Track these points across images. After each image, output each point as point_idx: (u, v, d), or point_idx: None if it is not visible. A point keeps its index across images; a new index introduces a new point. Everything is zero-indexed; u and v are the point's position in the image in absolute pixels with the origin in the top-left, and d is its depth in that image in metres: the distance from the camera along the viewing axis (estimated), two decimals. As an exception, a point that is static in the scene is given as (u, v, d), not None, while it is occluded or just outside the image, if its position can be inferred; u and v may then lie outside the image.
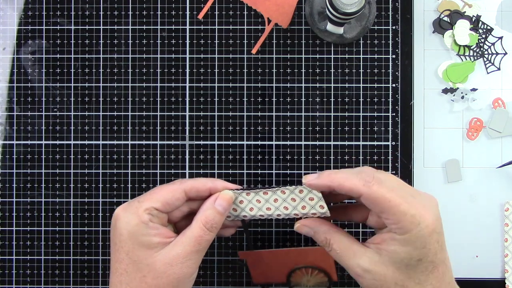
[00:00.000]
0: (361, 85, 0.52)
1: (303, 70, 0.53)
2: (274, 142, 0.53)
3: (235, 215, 0.44)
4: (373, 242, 0.40)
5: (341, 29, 0.51)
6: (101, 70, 0.53)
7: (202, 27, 0.53)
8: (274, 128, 0.53)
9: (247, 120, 0.53)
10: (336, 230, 0.41)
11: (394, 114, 0.53)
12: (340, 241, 0.40)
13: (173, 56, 0.53)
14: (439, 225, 0.39)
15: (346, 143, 0.52)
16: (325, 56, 0.53)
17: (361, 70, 0.52)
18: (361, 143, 0.52)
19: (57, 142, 0.53)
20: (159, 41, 0.53)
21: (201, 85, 0.53)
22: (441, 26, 0.53)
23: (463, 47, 0.53)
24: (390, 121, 0.53)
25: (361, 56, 0.52)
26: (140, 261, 0.40)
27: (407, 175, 0.52)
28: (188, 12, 0.53)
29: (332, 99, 0.53)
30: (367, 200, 0.38)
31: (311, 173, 0.49)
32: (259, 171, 0.53)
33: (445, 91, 0.53)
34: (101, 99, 0.53)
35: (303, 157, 0.53)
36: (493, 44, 0.53)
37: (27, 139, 0.53)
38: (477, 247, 0.53)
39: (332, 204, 0.46)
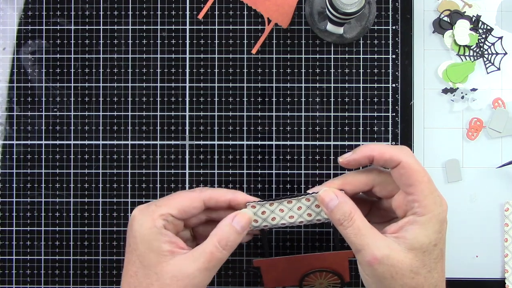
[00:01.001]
0: (361, 85, 0.52)
1: (303, 70, 0.53)
2: (274, 142, 0.53)
3: (255, 226, 0.43)
4: (389, 232, 0.39)
5: (341, 29, 0.51)
6: (101, 70, 0.53)
7: (202, 27, 0.53)
8: (274, 128, 0.53)
9: (247, 120, 0.53)
10: (359, 209, 0.40)
11: (394, 114, 0.53)
12: (363, 220, 0.39)
13: (173, 56, 0.53)
14: (446, 217, 0.40)
15: (346, 143, 0.52)
16: (325, 56, 0.53)
17: (361, 70, 0.52)
18: (361, 143, 0.52)
19: (57, 142, 0.53)
20: (159, 41, 0.53)
21: (201, 85, 0.53)
22: (441, 26, 0.53)
23: (463, 47, 0.53)
24: (390, 121, 0.53)
25: (361, 56, 0.52)
26: (149, 267, 0.39)
27: (407, 175, 0.52)
28: (188, 12, 0.53)
29: (332, 99, 0.53)
30: (403, 169, 0.39)
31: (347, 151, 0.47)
32: (259, 171, 0.53)
33: (445, 91, 0.53)
34: (101, 99, 0.53)
35: (303, 157, 0.53)
36: (493, 44, 0.53)
37: (27, 139, 0.53)
38: (477, 247, 0.53)
39: None
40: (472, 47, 0.53)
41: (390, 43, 0.53)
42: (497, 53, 0.53)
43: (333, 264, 0.45)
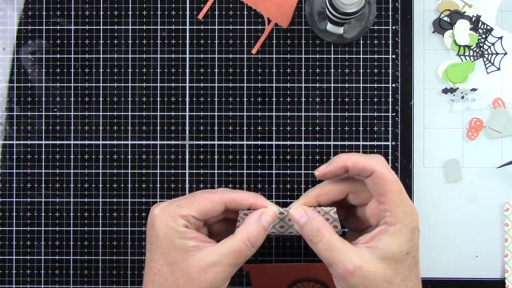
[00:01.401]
0: (361, 85, 0.52)
1: (303, 70, 0.53)
2: (274, 142, 0.53)
3: (281, 231, 0.44)
4: (361, 242, 0.40)
5: (341, 29, 0.51)
6: (101, 70, 0.53)
7: (202, 27, 0.53)
8: (274, 128, 0.53)
9: (247, 120, 0.53)
10: (329, 225, 0.41)
11: (394, 114, 0.53)
12: (332, 234, 0.40)
13: (173, 56, 0.53)
14: (418, 225, 0.41)
15: (346, 143, 0.52)
16: (325, 56, 0.53)
17: (361, 70, 0.52)
18: (361, 143, 0.52)
19: (57, 142, 0.53)
20: (159, 41, 0.53)
21: (201, 85, 0.53)
22: (441, 26, 0.53)
23: (463, 47, 0.53)
24: (390, 121, 0.53)
25: (361, 56, 0.52)
26: (174, 263, 0.39)
27: (407, 175, 0.52)
28: (188, 12, 0.53)
29: (332, 99, 0.53)
30: (376, 179, 0.40)
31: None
32: (259, 171, 0.53)
33: (445, 91, 0.53)
34: (101, 99, 0.53)
35: (303, 157, 0.53)
36: (493, 44, 0.53)
37: (27, 139, 0.53)
38: (477, 247, 0.53)
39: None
40: (472, 47, 0.53)
41: (390, 43, 0.53)
42: (497, 53, 0.53)
43: (321, 275, 0.45)
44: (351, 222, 0.45)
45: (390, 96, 0.53)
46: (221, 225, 0.44)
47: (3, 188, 0.53)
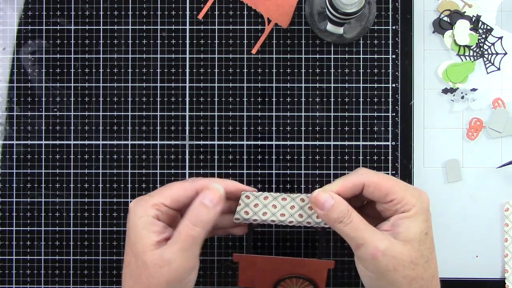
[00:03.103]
0: (361, 85, 0.52)
1: (303, 70, 0.53)
2: (274, 142, 0.53)
3: (245, 218, 0.43)
4: (383, 229, 0.41)
5: (341, 29, 0.51)
6: (101, 70, 0.53)
7: (202, 27, 0.53)
8: (274, 128, 0.53)
9: (247, 120, 0.53)
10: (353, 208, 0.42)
11: (394, 114, 0.53)
12: (360, 217, 0.41)
13: (173, 56, 0.53)
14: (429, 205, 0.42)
15: (346, 143, 0.52)
16: (325, 56, 0.53)
17: (361, 70, 0.52)
18: (361, 143, 0.52)
19: (57, 142, 0.53)
20: (159, 41, 0.53)
21: (201, 85, 0.53)
22: (441, 26, 0.53)
23: (463, 47, 0.53)
24: (390, 121, 0.53)
25: (361, 56, 0.52)
26: (138, 256, 0.40)
27: (407, 175, 0.52)
28: (188, 12, 0.53)
29: (332, 99, 0.53)
30: (370, 188, 0.41)
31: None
32: (259, 171, 0.53)
33: (445, 91, 0.53)
34: (101, 99, 0.53)
35: (303, 157, 0.53)
36: (493, 44, 0.53)
37: (27, 139, 0.53)
38: (477, 247, 0.53)
39: None
40: (472, 47, 0.53)
41: (390, 43, 0.53)
42: (497, 53, 0.53)
43: (311, 272, 0.45)
44: (369, 210, 0.45)
45: (390, 96, 0.53)
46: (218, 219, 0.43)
47: (3, 188, 0.53)
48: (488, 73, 0.53)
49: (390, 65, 0.53)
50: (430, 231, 0.41)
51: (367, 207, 0.46)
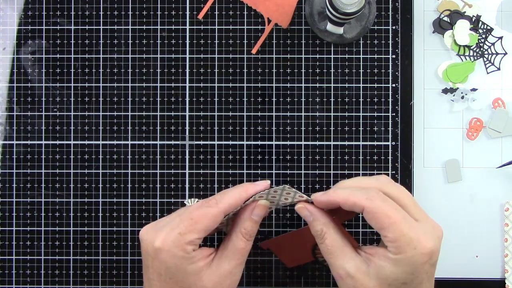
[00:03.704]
0: (361, 85, 0.52)
1: (303, 70, 0.53)
2: (274, 142, 0.53)
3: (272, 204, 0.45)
4: (365, 251, 0.40)
5: (341, 29, 0.51)
6: (101, 70, 0.53)
7: (202, 27, 0.53)
8: (274, 128, 0.53)
9: (247, 120, 0.53)
10: (334, 226, 0.41)
11: (394, 114, 0.53)
12: (334, 239, 0.41)
13: (173, 56, 0.53)
14: (435, 257, 0.38)
15: (346, 143, 0.52)
16: (325, 56, 0.53)
17: (361, 70, 0.52)
18: (361, 143, 0.52)
19: (57, 142, 0.53)
20: (159, 41, 0.53)
21: (201, 85, 0.53)
22: (441, 26, 0.53)
23: (463, 47, 0.53)
24: (390, 121, 0.53)
25: (361, 56, 0.52)
26: (194, 285, 0.41)
27: (407, 175, 0.52)
28: (188, 12, 0.53)
29: (332, 99, 0.53)
30: (369, 214, 0.38)
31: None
32: (259, 171, 0.53)
33: (445, 91, 0.53)
34: (101, 99, 0.53)
35: (303, 157, 0.53)
36: (493, 44, 0.53)
37: (27, 139, 0.53)
38: (477, 247, 0.53)
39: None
40: (472, 47, 0.53)
41: (390, 43, 0.53)
42: (497, 53, 0.53)
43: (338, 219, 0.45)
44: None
45: (390, 96, 0.53)
46: None
47: (3, 188, 0.53)
48: (488, 73, 0.53)
49: (390, 65, 0.53)
50: (416, 283, 0.38)
51: None
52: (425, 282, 0.38)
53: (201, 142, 0.53)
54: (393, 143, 0.52)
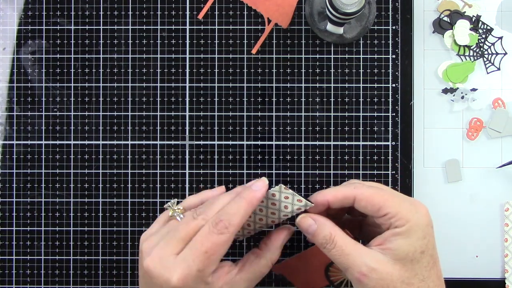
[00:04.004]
0: (361, 85, 0.52)
1: (303, 70, 0.53)
2: (274, 142, 0.53)
3: (241, 234, 0.46)
4: (374, 244, 0.40)
5: (341, 29, 0.51)
6: (101, 70, 0.53)
7: (202, 27, 0.53)
8: (274, 128, 0.53)
9: (247, 120, 0.53)
10: (339, 228, 0.41)
11: (394, 114, 0.53)
12: (345, 238, 0.40)
13: (173, 56, 0.53)
14: (431, 220, 0.40)
15: (346, 143, 0.52)
16: (325, 56, 0.53)
17: (361, 70, 0.52)
18: (361, 143, 0.52)
19: (57, 142, 0.53)
20: (159, 41, 0.53)
21: (201, 85, 0.53)
22: (441, 26, 0.53)
23: (463, 47, 0.53)
24: (390, 121, 0.53)
25: (361, 56, 0.52)
26: None
27: (407, 175, 0.52)
28: (188, 12, 0.53)
29: (332, 99, 0.53)
30: (361, 202, 0.39)
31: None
32: (259, 171, 0.53)
33: (445, 91, 0.53)
34: (101, 99, 0.53)
35: (303, 157, 0.53)
36: (493, 44, 0.53)
37: (27, 139, 0.53)
38: (477, 247, 0.53)
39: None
40: (472, 47, 0.53)
41: (390, 43, 0.53)
42: (497, 53, 0.53)
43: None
44: (366, 233, 0.45)
45: (390, 96, 0.53)
46: None
47: (3, 188, 0.53)
48: (488, 73, 0.53)
49: (390, 65, 0.53)
50: (429, 248, 0.39)
51: (365, 223, 0.46)
52: (435, 247, 0.40)
53: (201, 142, 0.53)
54: (393, 143, 0.52)
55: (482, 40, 0.53)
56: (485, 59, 0.53)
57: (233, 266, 0.42)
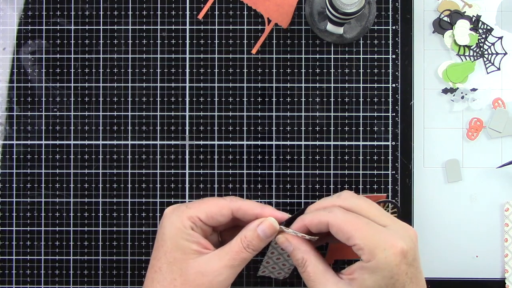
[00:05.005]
0: (361, 85, 0.52)
1: (303, 70, 0.53)
2: (274, 142, 0.53)
3: (276, 263, 0.48)
4: (345, 274, 0.40)
5: (341, 29, 0.51)
6: (101, 70, 0.53)
7: (202, 27, 0.53)
8: (274, 128, 0.53)
9: (247, 120, 0.53)
10: (314, 254, 0.42)
11: (394, 114, 0.53)
12: (316, 266, 0.41)
13: (173, 56, 0.53)
14: (410, 256, 0.38)
15: (346, 143, 0.52)
16: (325, 56, 0.53)
17: (361, 70, 0.52)
18: (361, 143, 0.52)
19: (57, 142, 0.53)
20: (159, 41, 0.53)
21: (201, 85, 0.53)
22: (441, 26, 0.53)
23: (463, 47, 0.53)
24: (390, 121, 0.53)
25: (361, 56, 0.52)
26: (174, 263, 0.41)
27: (407, 175, 0.52)
28: (188, 12, 0.53)
29: (332, 99, 0.53)
30: (334, 228, 0.39)
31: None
32: (259, 171, 0.53)
33: (445, 91, 0.53)
34: (101, 99, 0.53)
35: (303, 157, 0.53)
36: (493, 44, 0.53)
37: (27, 139, 0.53)
38: (477, 247, 0.53)
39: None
40: (472, 47, 0.53)
41: (390, 43, 0.53)
42: (497, 53, 0.53)
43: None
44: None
45: (390, 96, 0.53)
46: (233, 233, 0.44)
47: (3, 188, 0.53)
48: (488, 73, 0.53)
49: (390, 65, 0.53)
50: (399, 285, 0.38)
51: None
52: (408, 284, 0.38)
53: (201, 142, 0.53)
54: (393, 143, 0.52)
55: (482, 40, 0.53)
56: (485, 59, 0.53)
57: (215, 249, 0.43)
